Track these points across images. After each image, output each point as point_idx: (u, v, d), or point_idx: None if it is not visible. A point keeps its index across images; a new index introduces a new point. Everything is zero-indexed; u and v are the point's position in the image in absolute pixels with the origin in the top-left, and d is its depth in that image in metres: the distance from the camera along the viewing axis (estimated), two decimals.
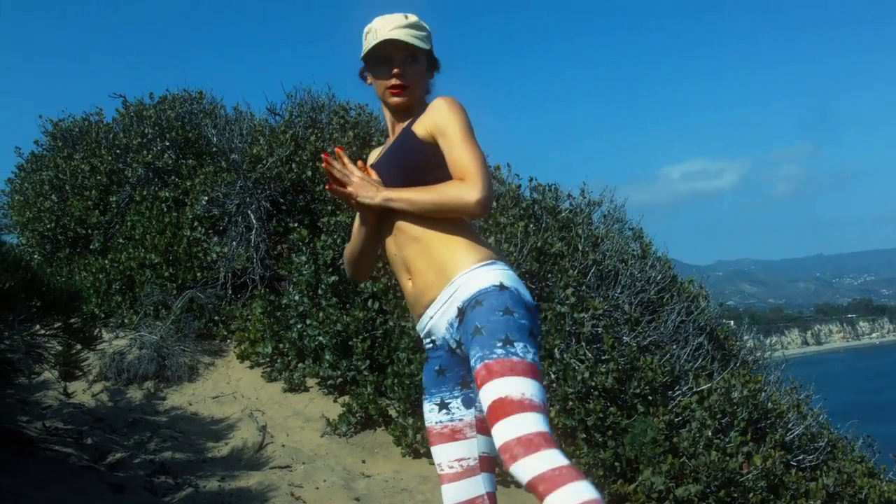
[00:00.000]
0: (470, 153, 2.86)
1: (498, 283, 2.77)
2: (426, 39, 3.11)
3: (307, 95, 10.01)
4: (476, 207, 2.79)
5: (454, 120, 2.92)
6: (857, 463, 7.76)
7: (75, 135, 10.94)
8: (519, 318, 2.70)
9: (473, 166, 2.83)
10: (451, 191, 2.82)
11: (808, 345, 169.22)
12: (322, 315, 7.41)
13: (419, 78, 3.12)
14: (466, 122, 2.95)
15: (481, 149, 2.93)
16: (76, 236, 9.77)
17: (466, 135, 2.90)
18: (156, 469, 5.98)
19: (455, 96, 3.03)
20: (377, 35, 3.02)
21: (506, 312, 2.69)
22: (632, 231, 9.05)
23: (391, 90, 3.06)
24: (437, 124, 2.94)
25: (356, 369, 7.28)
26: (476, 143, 2.91)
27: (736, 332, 9.17)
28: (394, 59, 3.05)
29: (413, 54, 3.07)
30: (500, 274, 2.83)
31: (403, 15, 3.08)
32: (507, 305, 2.72)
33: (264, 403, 7.49)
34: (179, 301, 8.37)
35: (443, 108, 2.96)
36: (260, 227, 8.68)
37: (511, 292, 2.77)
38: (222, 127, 9.71)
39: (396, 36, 3.00)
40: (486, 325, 2.67)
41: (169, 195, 9.32)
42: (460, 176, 2.84)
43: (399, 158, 3.04)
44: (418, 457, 6.73)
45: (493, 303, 2.72)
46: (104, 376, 7.65)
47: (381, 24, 3.04)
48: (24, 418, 6.41)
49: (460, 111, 2.96)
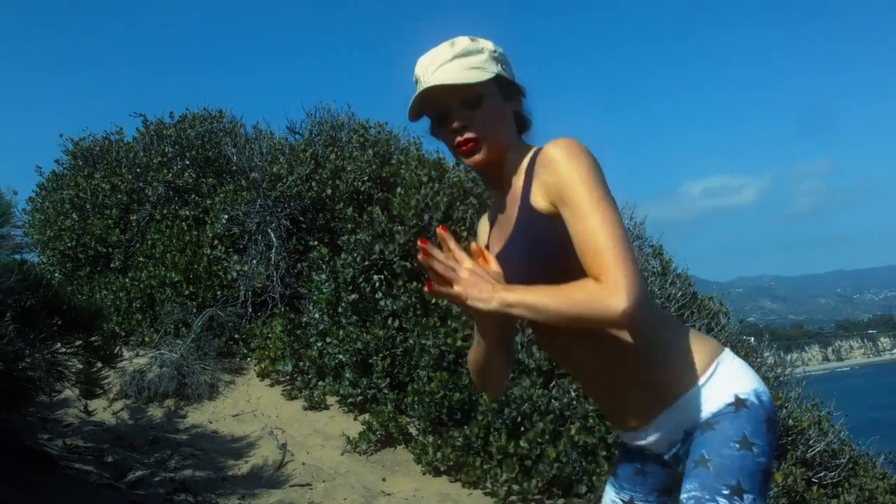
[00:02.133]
0: (602, 231, 2.09)
1: (733, 400, 2.27)
2: (487, 64, 2.31)
3: (327, 114, 10.04)
4: (621, 320, 2.02)
5: (576, 178, 2.14)
6: (879, 480, 7.70)
7: (96, 154, 11.01)
8: (758, 455, 2.22)
9: (610, 255, 2.06)
10: (585, 297, 2.05)
11: (829, 361, 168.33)
12: (342, 333, 7.41)
13: (493, 120, 2.31)
14: (594, 176, 2.16)
15: (620, 217, 2.17)
16: (97, 255, 9.81)
17: (595, 201, 2.12)
18: (176, 487, 5.98)
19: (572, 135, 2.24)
20: (422, 82, 2.32)
21: (743, 445, 2.21)
22: (652, 248, 9.03)
23: (460, 150, 2.32)
24: (556, 188, 2.18)
25: (376, 387, 7.27)
26: (610, 212, 2.13)
27: (757, 349, 9.12)
28: (450, 109, 2.30)
29: (472, 95, 2.28)
30: (731, 383, 2.32)
31: (449, 43, 2.34)
32: (745, 434, 2.22)
33: (284, 421, 7.48)
34: (200, 319, 8.39)
35: (558, 161, 2.18)
36: (280, 245, 8.69)
37: (750, 410, 2.27)
38: (242, 146, 9.74)
39: (439, 80, 2.26)
40: (715, 459, 2.21)
41: (189, 214, 9.35)
42: (594, 270, 2.07)
43: (524, 247, 2.31)
44: (438, 475, 6.71)
45: (727, 429, 2.24)
46: (125, 394, 7.67)
47: (423, 67, 2.34)
48: (44, 436, 6.43)
49: (582, 161, 2.16)
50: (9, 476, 5.07)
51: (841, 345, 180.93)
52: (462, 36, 2.35)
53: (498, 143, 2.32)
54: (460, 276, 2.14)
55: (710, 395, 2.29)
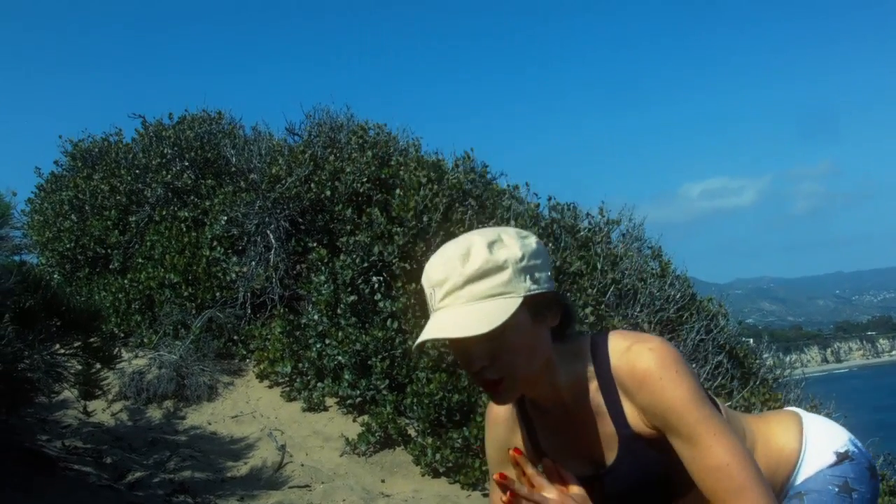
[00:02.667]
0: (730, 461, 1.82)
1: (834, 459, 2.17)
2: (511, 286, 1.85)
3: (326, 115, 10.03)
4: None
5: (682, 401, 1.85)
6: None
7: (95, 155, 11.01)
8: (857, 501, 2.11)
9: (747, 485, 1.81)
10: None
11: (828, 362, 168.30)
12: (341, 334, 7.41)
13: (521, 352, 1.89)
14: (695, 392, 1.88)
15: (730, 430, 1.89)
16: (96, 256, 9.81)
17: (708, 424, 1.85)
18: (175, 488, 5.99)
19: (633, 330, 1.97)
20: (429, 307, 1.91)
21: (843, 489, 2.11)
22: (651, 249, 9.04)
23: (487, 389, 1.96)
24: (659, 414, 1.89)
25: (375, 388, 7.27)
26: (726, 431, 1.86)
27: (755, 351, 9.13)
28: (467, 345, 1.86)
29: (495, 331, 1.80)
30: (825, 444, 2.20)
31: (460, 254, 1.86)
32: (847, 481, 2.12)
33: (283, 423, 7.48)
34: (199, 320, 8.39)
35: (657, 382, 1.87)
36: (279, 246, 8.69)
37: (853, 459, 2.17)
38: (241, 147, 9.74)
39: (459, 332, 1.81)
40: (811, 495, 2.13)
41: (188, 215, 9.35)
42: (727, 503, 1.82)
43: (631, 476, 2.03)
44: (437, 476, 6.72)
45: (828, 473, 2.14)
46: (123, 395, 7.67)
47: (430, 284, 1.90)
48: (43, 437, 6.44)
49: (683, 378, 1.87)
50: (8, 477, 5.07)
51: (840, 346, 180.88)
52: (476, 238, 1.89)
53: (531, 372, 1.94)
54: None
55: (809, 467, 2.18)
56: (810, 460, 2.18)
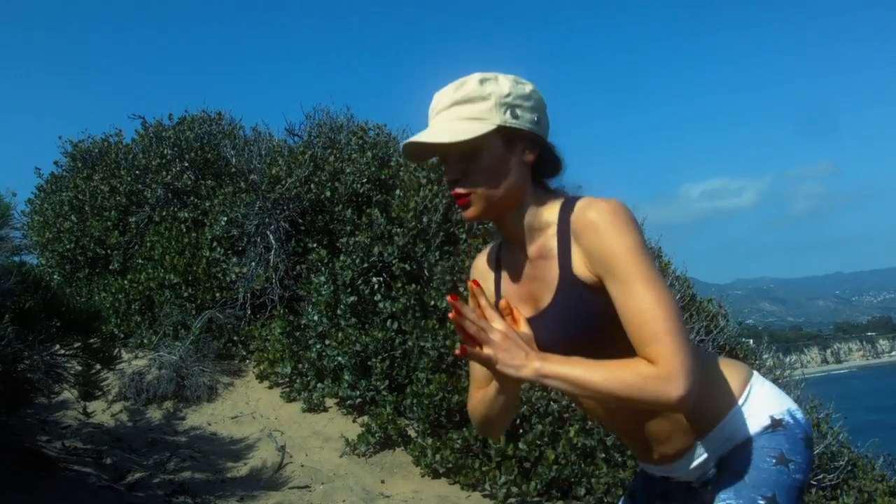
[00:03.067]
0: (658, 311, 1.96)
1: (769, 422, 2.25)
2: (489, 114, 2.09)
3: (326, 116, 10.04)
4: (679, 407, 1.93)
5: (625, 250, 2.00)
6: (878, 482, 7.70)
7: (95, 155, 11.00)
8: (794, 472, 2.20)
9: (667, 340, 1.93)
10: (639, 381, 1.93)
11: (828, 363, 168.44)
12: (341, 335, 7.41)
13: (490, 175, 2.11)
14: (642, 248, 2.03)
15: (669, 290, 2.03)
16: (96, 257, 9.81)
17: (647, 276, 1.99)
18: (175, 489, 5.98)
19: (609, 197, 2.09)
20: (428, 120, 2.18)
21: (780, 461, 2.20)
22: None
23: (457, 202, 2.16)
24: (600, 258, 2.03)
25: (375, 389, 7.27)
26: (663, 288, 1.99)
27: (755, 351, 9.12)
28: (446, 157, 2.14)
29: (468, 146, 2.07)
30: (764, 406, 2.29)
31: (457, 84, 2.14)
32: (783, 451, 2.21)
33: (283, 423, 7.48)
34: (198, 321, 8.39)
35: (604, 229, 2.02)
36: (279, 247, 8.70)
37: (788, 428, 2.25)
38: (241, 148, 9.74)
39: (424, 138, 2.08)
40: (752, 472, 2.20)
41: (188, 216, 9.35)
42: (648, 352, 1.95)
43: (563, 315, 2.15)
44: (437, 477, 6.72)
45: (764, 446, 2.22)
46: (123, 396, 7.66)
47: (432, 107, 2.17)
48: (43, 438, 6.43)
49: (630, 230, 2.02)
50: (8, 477, 5.07)
51: (840, 347, 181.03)
52: (476, 74, 2.13)
53: (496, 197, 2.12)
54: (492, 338, 2.04)
55: (745, 420, 2.25)
56: (747, 411, 2.26)
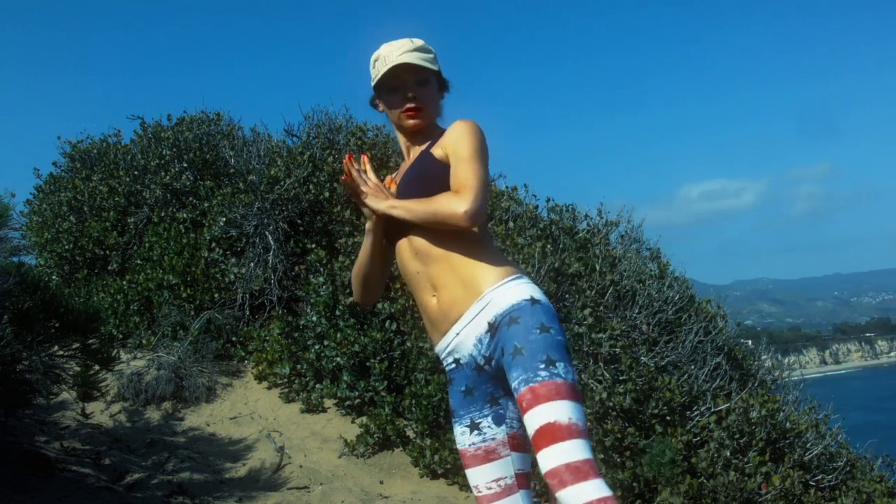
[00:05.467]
0: (471, 170, 2.89)
1: (529, 297, 2.83)
2: (434, 61, 3.17)
3: (325, 117, 10.03)
4: (463, 218, 2.80)
5: (467, 140, 2.96)
6: (876, 482, 7.69)
7: (93, 156, 10.99)
8: (556, 335, 2.78)
9: (470, 181, 2.86)
10: (443, 201, 2.86)
11: (827, 364, 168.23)
12: (340, 336, 7.41)
13: (431, 99, 3.17)
14: (479, 143, 2.98)
15: (487, 169, 2.96)
16: (94, 257, 9.81)
17: (474, 153, 2.94)
18: (173, 490, 5.99)
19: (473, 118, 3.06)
20: (386, 61, 3.09)
21: (542, 329, 2.75)
22: (649, 251, 9.03)
23: (406, 113, 3.12)
24: (451, 145, 2.98)
25: (374, 390, 7.27)
26: (482, 163, 2.94)
27: (754, 352, 9.11)
28: (406, 82, 3.11)
29: (424, 77, 3.13)
30: (528, 288, 2.89)
31: (409, 40, 3.14)
32: (543, 322, 2.78)
33: (282, 424, 7.49)
34: (197, 322, 8.39)
35: (459, 129, 3.01)
36: (277, 248, 8.70)
37: (543, 305, 2.84)
38: (240, 148, 9.74)
39: (406, 60, 3.06)
40: (526, 346, 2.72)
41: (187, 216, 9.34)
42: (456, 189, 2.87)
43: (416, 179, 3.07)
44: (436, 477, 6.72)
45: (528, 320, 2.78)
46: (122, 397, 7.67)
47: (388, 51, 3.11)
48: (42, 439, 6.44)
49: (475, 133, 3.00)
50: (6, 478, 5.08)
51: (838, 348, 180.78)
52: (416, 38, 3.15)
53: (430, 115, 3.18)
54: (367, 185, 3.09)
55: (511, 291, 2.85)
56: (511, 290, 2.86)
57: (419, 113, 3.13)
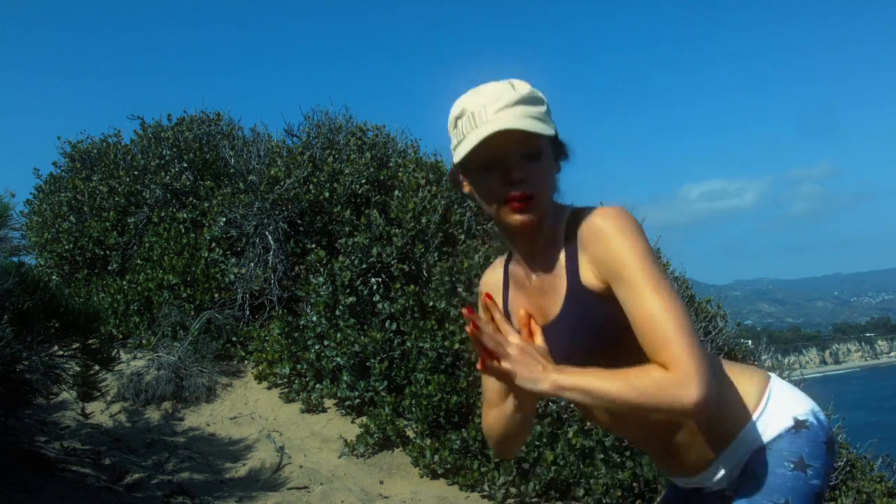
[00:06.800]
0: (668, 315, 1.94)
1: (791, 424, 2.22)
2: (548, 118, 2.09)
3: (324, 117, 10.03)
4: (695, 412, 1.91)
5: (632, 256, 2.00)
6: (876, 483, 7.70)
7: (93, 156, 10.99)
8: (811, 478, 2.17)
9: (679, 344, 1.91)
10: (653, 388, 1.91)
11: (827, 364, 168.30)
12: (340, 336, 7.41)
13: (546, 179, 2.10)
14: (649, 253, 2.03)
15: (677, 295, 2.02)
16: (94, 257, 9.80)
17: (655, 281, 1.98)
18: (173, 490, 5.98)
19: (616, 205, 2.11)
20: (477, 120, 2.04)
21: (798, 466, 2.16)
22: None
23: (512, 206, 2.07)
24: (609, 266, 2.03)
25: (374, 390, 7.27)
26: (671, 292, 1.99)
27: (754, 352, 9.12)
28: (508, 156, 2.04)
29: (535, 146, 2.06)
30: (786, 408, 2.25)
31: (509, 84, 2.09)
32: (802, 456, 2.17)
33: (282, 424, 7.48)
34: (197, 322, 8.39)
35: (610, 237, 2.03)
36: (277, 248, 8.69)
37: (810, 431, 2.21)
38: (240, 148, 9.74)
39: (510, 125, 1.99)
40: (768, 478, 2.17)
41: (187, 216, 9.34)
42: (661, 357, 1.93)
43: (579, 332, 2.14)
44: (436, 477, 6.72)
45: (784, 449, 2.20)
46: (122, 397, 7.66)
47: (478, 104, 2.06)
48: (42, 439, 6.43)
49: (636, 237, 2.03)
50: (7, 478, 5.07)
51: (838, 348, 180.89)
52: (518, 80, 2.11)
53: (545, 204, 2.12)
54: (509, 352, 2.03)
55: (767, 425, 2.22)
56: (768, 416, 2.22)
57: (530, 204, 2.06)
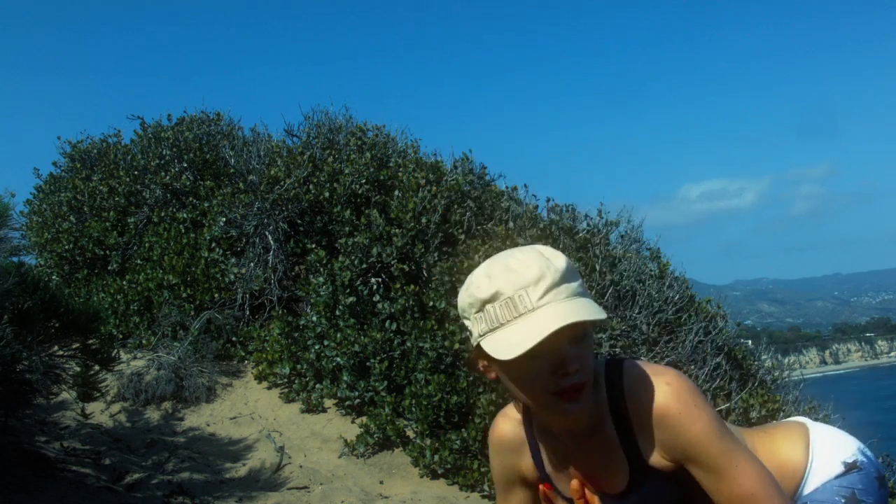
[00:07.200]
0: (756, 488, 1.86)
1: (842, 469, 2.19)
2: (587, 293, 1.92)
3: (324, 117, 10.02)
4: None
5: (704, 435, 1.89)
6: None
7: (93, 156, 10.99)
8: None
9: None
10: None
11: (827, 364, 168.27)
12: (340, 336, 7.41)
13: (590, 363, 1.92)
14: (718, 425, 1.92)
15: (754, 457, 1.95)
16: (94, 257, 9.80)
17: (731, 454, 1.88)
18: (173, 490, 5.98)
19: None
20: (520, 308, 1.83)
21: (850, 501, 2.12)
22: (649, 251, 9.02)
23: (564, 397, 1.87)
24: (682, 450, 1.92)
25: (374, 390, 7.27)
26: (749, 461, 1.90)
27: (754, 352, 9.10)
28: (560, 345, 1.83)
29: (585, 330, 1.88)
30: (832, 453, 2.21)
31: (542, 258, 1.88)
32: (855, 491, 2.14)
33: (282, 424, 7.48)
34: (197, 322, 8.39)
35: (679, 421, 1.90)
36: (277, 248, 8.69)
37: (862, 469, 2.18)
38: (240, 148, 9.73)
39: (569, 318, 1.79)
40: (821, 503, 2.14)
41: (187, 216, 9.34)
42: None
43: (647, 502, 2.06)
44: (436, 477, 6.72)
45: (836, 486, 2.15)
46: (122, 397, 7.66)
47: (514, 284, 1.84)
48: (42, 439, 6.43)
49: (703, 413, 1.91)
50: (7, 478, 5.07)
51: (838, 348, 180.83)
52: (544, 247, 1.94)
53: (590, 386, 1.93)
54: None
55: (818, 480, 2.18)
56: (818, 471, 2.18)
57: (583, 393, 1.89)
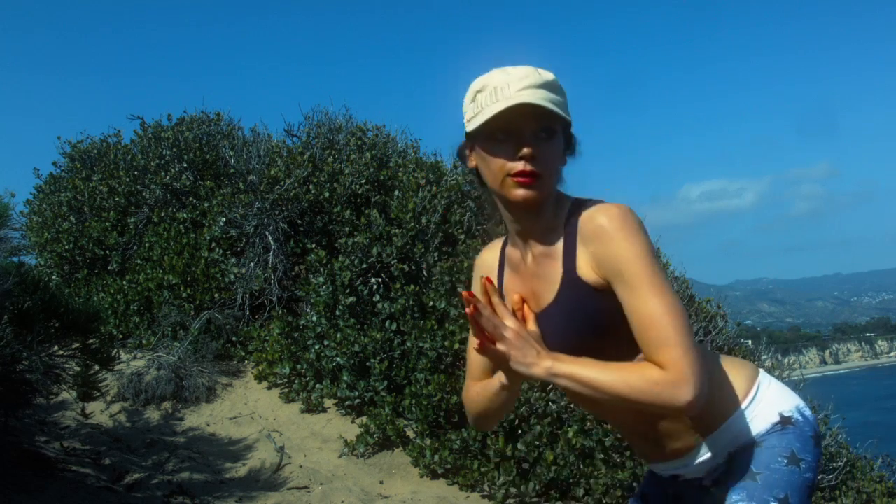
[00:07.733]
0: (666, 316, 2.00)
1: (778, 419, 2.28)
2: (565, 108, 2.17)
3: (324, 117, 10.02)
4: (688, 410, 1.96)
5: (634, 255, 2.05)
6: (876, 483, 7.70)
7: (93, 156, 10.99)
8: (805, 471, 2.22)
9: (676, 344, 1.97)
10: (648, 385, 1.97)
11: (827, 364, 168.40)
12: (340, 336, 7.41)
13: (554, 162, 2.16)
14: (650, 253, 2.07)
15: (677, 295, 2.07)
16: (94, 257, 9.80)
17: (655, 281, 2.03)
18: (173, 490, 5.98)
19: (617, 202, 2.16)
20: (499, 95, 2.10)
21: (791, 461, 2.21)
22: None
23: (516, 178, 2.11)
24: (610, 264, 2.07)
25: (374, 390, 7.27)
26: (671, 293, 2.04)
27: (754, 352, 9.11)
28: (523, 131, 2.10)
29: (550, 127, 2.13)
30: (773, 403, 2.31)
31: (535, 70, 2.15)
32: (794, 450, 2.23)
33: (282, 424, 7.48)
34: (197, 322, 8.38)
35: (613, 236, 2.07)
36: (277, 248, 8.69)
37: (796, 427, 2.27)
38: (240, 148, 9.74)
39: (530, 99, 2.06)
40: (764, 473, 2.21)
41: (187, 216, 9.34)
42: (657, 357, 1.99)
43: (568, 315, 2.19)
44: (436, 477, 6.72)
45: (775, 445, 2.25)
46: (122, 397, 7.66)
47: (502, 80, 2.12)
48: (42, 439, 6.43)
49: (639, 237, 2.08)
50: (6, 478, 5.07)
51: (838, 348, 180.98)
52: (545, 70, 2.18)
53: (550, 186, 2.17)
54: (506, 335, 2.10)
55: (754, 417, 2.28)
56: (755, 409, 2.28)
57: (534, 181, 2.11)
